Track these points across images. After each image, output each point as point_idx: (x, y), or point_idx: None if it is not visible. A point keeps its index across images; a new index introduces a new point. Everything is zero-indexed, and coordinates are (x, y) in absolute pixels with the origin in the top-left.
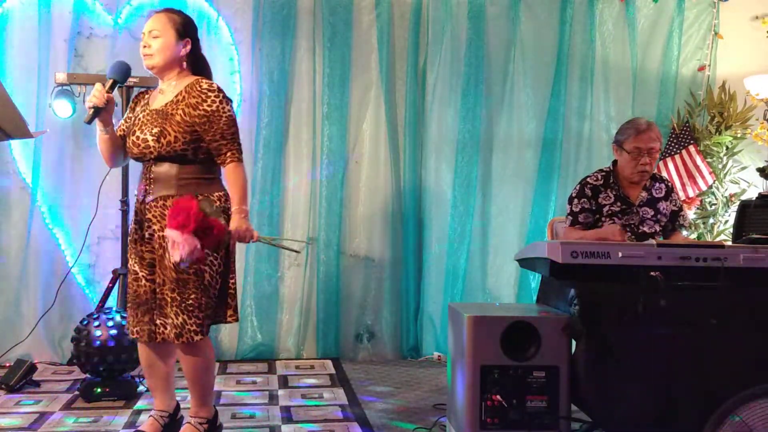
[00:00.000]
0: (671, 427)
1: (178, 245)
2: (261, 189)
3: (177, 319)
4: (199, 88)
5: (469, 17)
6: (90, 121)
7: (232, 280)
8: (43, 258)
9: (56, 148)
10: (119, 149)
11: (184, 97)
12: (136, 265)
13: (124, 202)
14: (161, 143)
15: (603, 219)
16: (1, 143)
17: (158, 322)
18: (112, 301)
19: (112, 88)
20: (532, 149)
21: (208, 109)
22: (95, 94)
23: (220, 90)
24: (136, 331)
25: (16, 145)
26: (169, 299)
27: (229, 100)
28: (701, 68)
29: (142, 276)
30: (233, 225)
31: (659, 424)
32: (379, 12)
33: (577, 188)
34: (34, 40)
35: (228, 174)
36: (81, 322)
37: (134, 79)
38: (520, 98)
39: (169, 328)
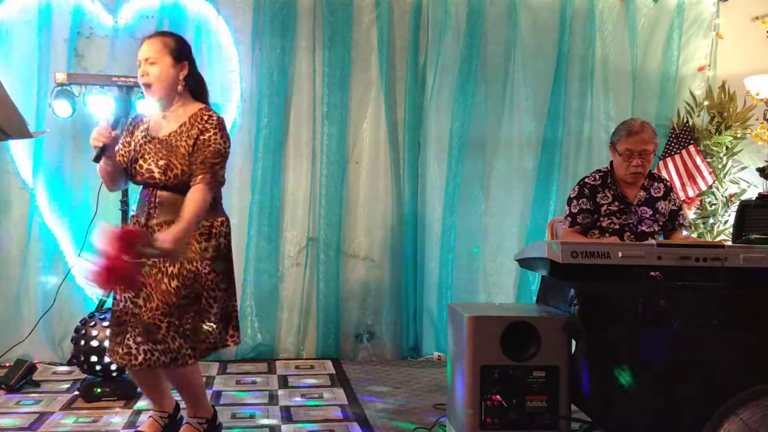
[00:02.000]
0: (671, 427)
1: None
2: (261, 189)
3: (173, 343)
4: (202, 119)
5: (468, 17)
6: (97, 160)
7: (235, 303)
8: (43, 258)
9: (56, 148)
10: (120, 175)
11: (188, 127)
12: None
13: (124, 202)
14: (168, 176)
15: (601, 219)
16: (1, 143)
17: (134, 346)
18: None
19: (115, 124)
20: (532, 149)
21: (202, 138)
22: (102, 133)
23: (219, 122)
24: (110, 350)
25: (16, 145)
26: (164, 324)
27: (226, 134)
28: (701, 68)
29: (125, 297)
30: (161, 236)
31: (659, 424)
32: (379, 12)
33: (576, 189)
34: (34, 40)
35: (192, 192)
36: (81, 322)
37: (134, 79)
38: (520, 98)
39: (157, 354)
